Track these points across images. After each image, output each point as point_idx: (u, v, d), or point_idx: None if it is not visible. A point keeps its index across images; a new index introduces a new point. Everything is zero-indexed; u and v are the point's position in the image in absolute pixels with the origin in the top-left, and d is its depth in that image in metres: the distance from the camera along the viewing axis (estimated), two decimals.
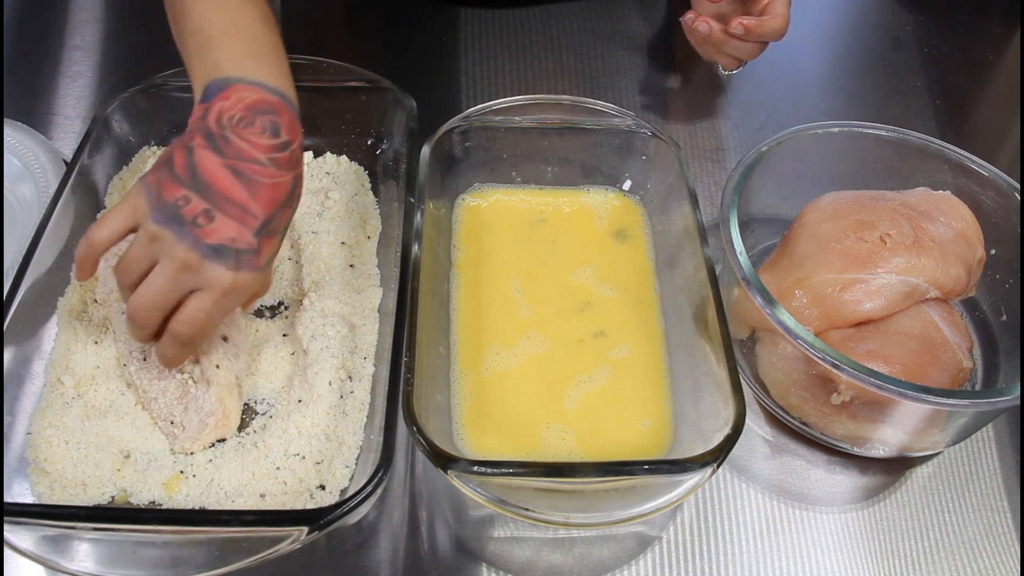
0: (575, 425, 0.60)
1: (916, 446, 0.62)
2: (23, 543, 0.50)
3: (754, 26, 0.72)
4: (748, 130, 0.86)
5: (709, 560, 0.59)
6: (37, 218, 0.64)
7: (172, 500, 0.56)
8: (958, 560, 0.60)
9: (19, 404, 0.59)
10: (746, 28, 0.72)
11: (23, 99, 0.85)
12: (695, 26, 0.75)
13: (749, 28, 0.72)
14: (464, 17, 0.95)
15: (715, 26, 0.74)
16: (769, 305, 0.58)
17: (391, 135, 0.75)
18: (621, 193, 0.74)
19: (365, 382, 0.61)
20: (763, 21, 0.72)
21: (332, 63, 0.74)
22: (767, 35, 0.73)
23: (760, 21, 0.72)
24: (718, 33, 0.74)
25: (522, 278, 0.68)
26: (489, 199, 0.74)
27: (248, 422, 0.61)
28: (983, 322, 0.70)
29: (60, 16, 0.93)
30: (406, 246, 0.61)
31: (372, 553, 0.58)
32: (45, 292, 0.63)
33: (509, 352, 0.63)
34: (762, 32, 0.73)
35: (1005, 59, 0.97)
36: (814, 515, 0.61)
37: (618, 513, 0.51)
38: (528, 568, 0.58)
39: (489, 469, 0.49)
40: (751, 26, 0.72)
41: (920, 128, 0.70)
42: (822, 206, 0.66)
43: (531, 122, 0.71)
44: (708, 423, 0.55)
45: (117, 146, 0.74)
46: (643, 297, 0.67)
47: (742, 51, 0.76)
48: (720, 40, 0.75)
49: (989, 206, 0.67)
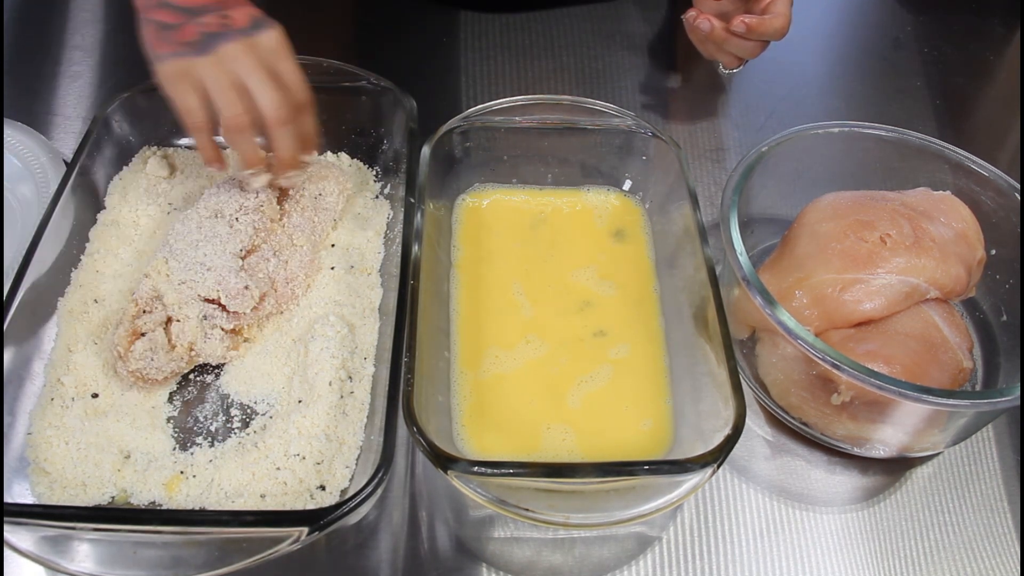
0: (575, 425, 0.60)
1: (916, 446, 0.62)
2: (23, 543, 0.50)
3: (756, 24, 0.72)
4: (748, 130, 0.86)
5: (709, 560, 0.59)
6: (37, 218, 0.64)
7: (172, 500, 0.56)
8: (958, 560, 0.60)
9: (19, 404, 0.59)
10: (748, 26, 0.72)
11: (23, 99, 0.85)
12: (697, 24, 0.75)
13: (751, 27, 0.72)
14: (464, 18, 0.95)
15: (717, 24, 0.74)
16: (769, 305, 0.58)
17: (391, 135, 0.75)
18: (621, 193, 0.74)
19: (365, 382, 0.61)
20: (765, 20, 0.73)
21: (332, 63, 0.74)
22: (768, 34, 0.73)
23: (762, 20, 0.73)
24: (719, 31, 0.74)
25: (522, 278, 0.68)
26: (489, 199, 0.74)
27: (248, 422, 0.61)
28: (983, 322, 0.69)
29: (60, 16, 0.93)
30: (406, 246, 0.61)
31: (372, 553, 0.58)
32: (45, 292, 0.63)
33: (508, 355, 0.63)
34: (764, 31, 0.73)
35: (1005, 59, 0.97)
36: (814, 515, 0.61)
37: (618, 513, 0.51)
38: (528, 568, 0.58)
39: (489, 469, 0.49)
40: (753, 24, 0.72)
41: (920, 128, 0.70)
42: (822, 206, 0.66)
43: (531, 122, 0.71)
44: (708, 423, 0.55)
45: (117, 146, 0.74)
46: (643, 297, 0.67)
47: (743, 50, 0.76)
48: (721, 38, 0.75)
49: (989, 206, 0.67)
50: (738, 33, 0.73)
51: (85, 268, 0.67)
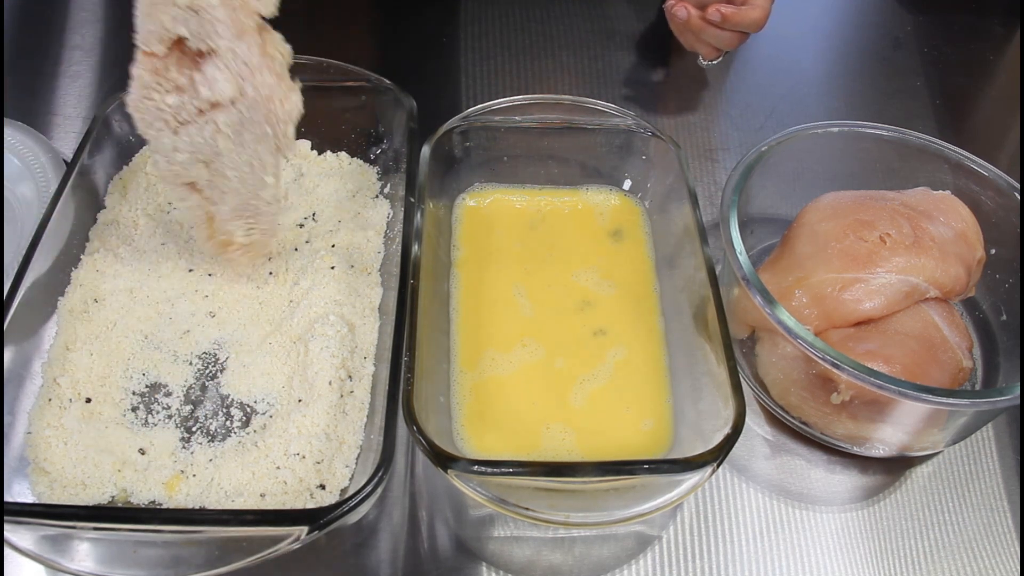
0: (575, 425, 0.60)
1: (916, 446, 0.62)
2: (23, 543, 0.50)
3: (731, 14, 0.73)
4: (748, 130, 0.86)
5: (709, 560, 0.59)
6: (37, 218, 0.64)
7: (172, 500, 0.56)
8: (958, 560, 0.60)
9: (19, 404, 0.59)
10: (723, 16, 0.73)
11: (23, 99, 0.85)
12: (674, 11, 0.75)
13: (726, 16, 0.73)
14: (464, 17, 0.95)
15: (694, 12, 0.74)
16: (769, 305, 0.58)
17: (391, 135, 0.75)
18: (621, 193, 0.74)
19: (365, 382, 0.61)
20: (740, 10, 0.73)
21: (332, 63, 0.74)
22: (744, 24, 0.73)
23: (737, 10, 0.73)
24: (696, 20, 0.75)
25: (522, 278, 0.68)
26: (489, 199, 0.74)
27: (248, 421, 0.61)
28: (983, 322, 0.70)
29: (60, 16, 0.93)
30: (406, 245, 0.61)
31: (372, 553, 0.58)
32: (45, 292, 0.63)
33: (508, 355, 0.63)
34: (739, 21, 0.73)
35: (1005, 59, 0.97)
36: (814, 515, 0.61)
37: (618, 513, 0.51)
38: (528, 568, 0.58)
39: (489, 468, 0.49)
40: (728, 14, 0.73)
41: (920, 128, 0.70)
42: (822, 206, 0.66)
43: (531, 122, 0.71)
44: (708, 423, 0.55)
45: (117, 146, 0.74)
46: (643, 297, 0.67)
47: (720, 40, 0.76)
48: (698, 27, 0.75)
49: (989, 206, 0.67)
50: (714, 22, 0.73)
51: (85, 268, 0.67)
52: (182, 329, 0.65)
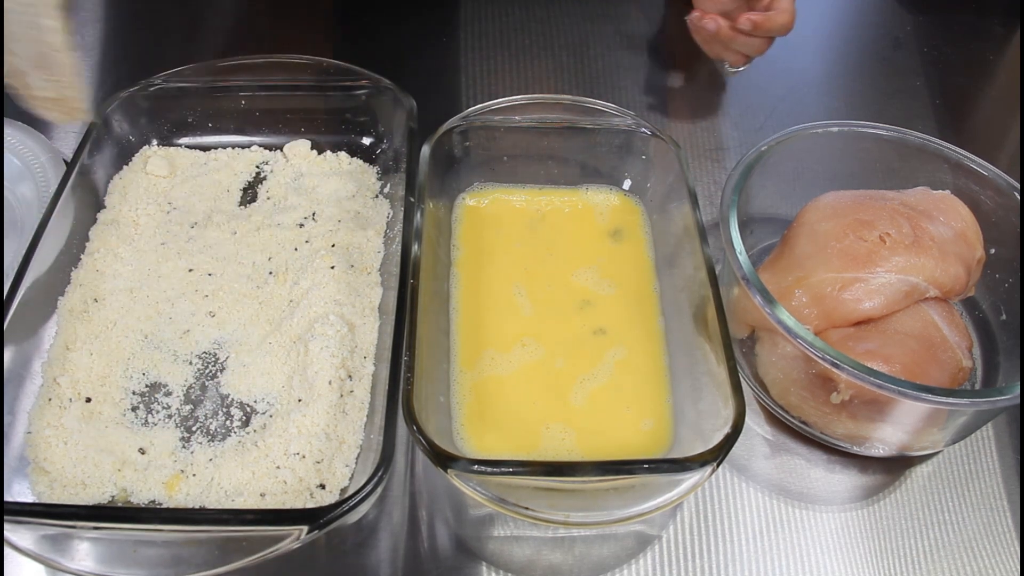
0: (575, 424, 0.60)
1: (916, 445, 0.62)
2: (23, 542, 0.50)
3: (762, 21, 0.73)
4: (748, 130, 0.86)
5: (709, 559, 0.59)
6: (37, 218, 0.64)
7: (172, 499, 0.56)
8: (958, 560, 0.60)
9: (19, 404, 0.59)
10: (754, 24, 0.73)
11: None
12: (703, 24, 0.75)
13: (757, 24, 0.73)
14: (464, 17, 0.95)
15: (723, 23, 0.74)
16: (769, 304, 0.58)
17: (391, 135, 0.76)
18: (621, 193, 0.74)
19: (365, 381, 0.61)
20: (770, 16, 0.73)
21: (332, 63, 0.74)
22: (775, 30, 0.74)
23: (768, 16, 0.73)
24: (726, 30, 0.75)
25: (522, 278, 0.68)
26: (489, 199, 0.74)
27: (248, 421, 0.61)
28: (983, 322, 0.70)
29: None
30: (406, 245, 0.61)
31: (372, 552, 0.58)
32: (45, 291, 0.63)
33: (507, 354, 0.63)
34: (770, 27, 0.73)
35: (1005, 59, 0.97)
36: (814, 514, 0.61)
37: (618, 512, 0.51)
38: (528, 567, 0.58)
39: (489, 468, 0.49)
40: (759, 21, 0.73)
41: (920, 128, 0.70)
42: (822, 206, 0.66)
43: (531, 122, 0.71)
44: (708, 422, 0.55)
45: (117, 146, 0.74)
46: (643, 296, 0.68)
47: (749, 47, 0.76)
48: (728, 37, 0.75)
49: (989, 206, 0.67)
50: (744, 31, 0.73)
51: (85, 268, 0.67)
52: (182, 329, 0.65)
